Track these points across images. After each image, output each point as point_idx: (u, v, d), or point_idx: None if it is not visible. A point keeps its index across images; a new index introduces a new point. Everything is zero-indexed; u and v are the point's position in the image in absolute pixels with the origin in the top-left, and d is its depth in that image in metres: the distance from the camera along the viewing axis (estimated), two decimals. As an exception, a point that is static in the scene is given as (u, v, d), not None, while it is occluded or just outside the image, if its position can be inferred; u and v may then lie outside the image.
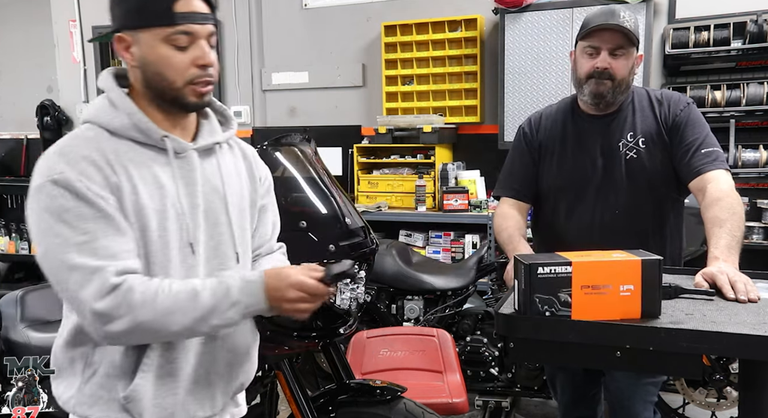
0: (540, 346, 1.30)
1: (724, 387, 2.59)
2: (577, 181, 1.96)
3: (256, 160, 1.44)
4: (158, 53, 1.19)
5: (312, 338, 1.72)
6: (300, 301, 1.19)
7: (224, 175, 1.32)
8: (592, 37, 1.84)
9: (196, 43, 1.20)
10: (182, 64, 1.19)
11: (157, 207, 1.20)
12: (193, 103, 1.24)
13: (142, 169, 1.20)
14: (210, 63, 1.22)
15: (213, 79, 1.24)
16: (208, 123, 1.34)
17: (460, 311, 2.99)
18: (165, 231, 1.20)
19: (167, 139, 1.23)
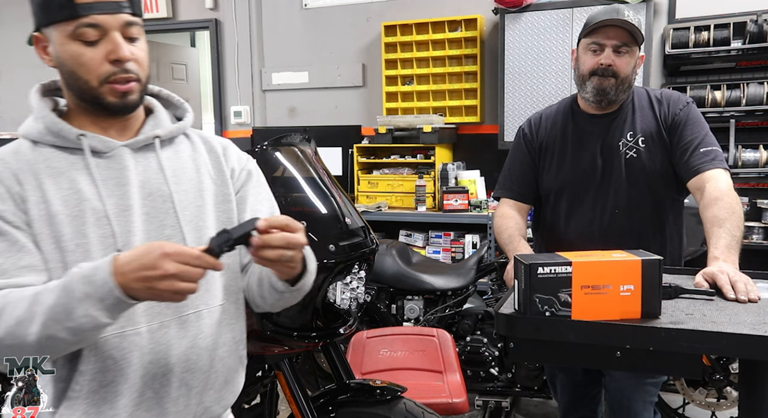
0: (540, 346, 1.30)
1: (724, 387, 2.59)
2: (577, 181, 1.96)
3: (227, 151, 1.30)
4: (68, 51, 1.09)
5: (312, 338, 1.72)
6: (177, 277, 0.95)
7: (174, 171, 1.20)
8: (597, 33, 1.84)
9: (108, 36, 1.08)
10: (94, 61, 1.08)
11: (72, 213, 1.09)
12: (114, 104, 1.12)
13: (57, 176, 1.11)
14: (124, 57, 1.09)
15: (134, 75, 1.11)
16: (153, 118, 1.22)
17: (460, 311, 2.98)
18: (84, 238, 1.09)
19: (84, 138, 1.12)
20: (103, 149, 1.14)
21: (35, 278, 1.05)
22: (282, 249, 1.01)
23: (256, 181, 1.32)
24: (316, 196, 1.77)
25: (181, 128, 1.25)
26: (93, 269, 0.98)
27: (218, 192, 1.24)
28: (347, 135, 4.47)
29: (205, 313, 1.19)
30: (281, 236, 1.00)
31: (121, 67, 1.09)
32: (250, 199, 1.29)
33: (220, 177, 1.25)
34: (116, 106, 1.12)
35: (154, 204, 1.15)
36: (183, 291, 0.96)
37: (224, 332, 1.23)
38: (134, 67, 1.11)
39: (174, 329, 1.15)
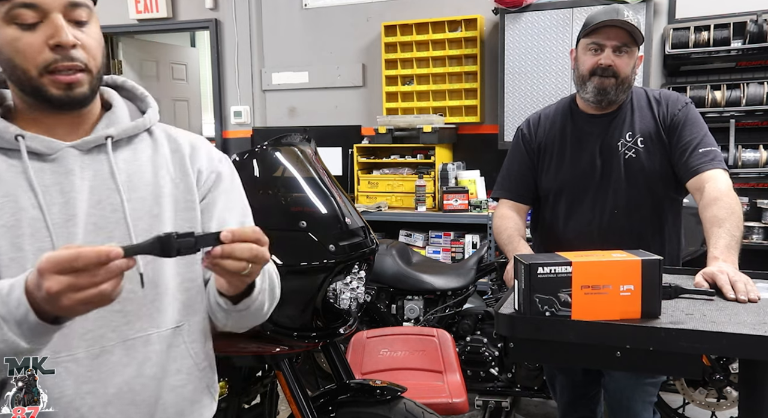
0: (540, 346, 1.30)
1: (724, 387, 2.59)
2: (576, 182, 1.96)
3: (195, 151, 1.15)
4: (3, 36, 0.95)
5: (312, 338, 1.72)
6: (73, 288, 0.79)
7: (129, 175, 1.06)
8: (597, 34, 1.84)
9: (48, 18, 0.94)
10: (32, 47, 0.94)
11: (7, 223, 0.96)
12: (57, 97, 0.97)
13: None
14: (65, 42, 0.94)
15: (80, 64, 0.97)
16: (110, 115, 1.08)
17: (460, 311, 2.98)
18: (19, 251, 0.96)
19: (21, 139, 0.99)
20: (45, 151, 1.00)
21: None
22: (245, 261, 0.90)
23: (227, 184, 1.17)
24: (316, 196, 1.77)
25: (139, 127, 1.10)
26: (9, 288, 0.85)
27: (180, 198, 1.10)
28: (347, 135, 4.47)
29: (155, 337, 1.05)
30: (248, 247, 0.89)
31: (63, 54, 0.95)
32: (219, 206, 1.14)
33: (183, 181, 1.11)
34: (60, 99, 0.98)
35: (102, 214, 1.02)
36: (90, 301, 0.81)
37: (180, 358, 1.08)
38: (80, 55, 0.97)
39: (117, 355, 1.01)
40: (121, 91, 1.15)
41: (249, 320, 1.11)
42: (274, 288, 1.14)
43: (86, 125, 1.06)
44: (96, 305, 0.82)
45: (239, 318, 1.09)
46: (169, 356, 1.07)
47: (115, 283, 0.81)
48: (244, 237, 0.89)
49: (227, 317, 1.09)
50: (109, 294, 0.81)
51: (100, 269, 0.79)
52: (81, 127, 1.05)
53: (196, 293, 1.11)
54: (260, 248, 0.91)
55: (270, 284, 1.12)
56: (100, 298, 0.81)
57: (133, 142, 1.09)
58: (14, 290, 0.84)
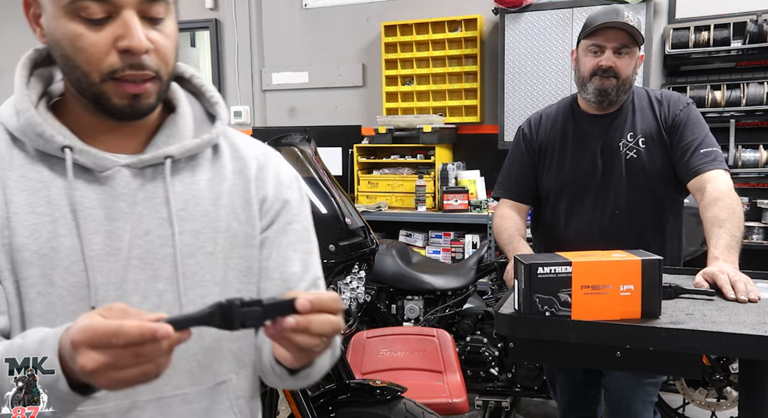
0: (540, 346, 1.30)
1: (724, 387, 2.59)
2: (577, 182, 1.96)
3: (263, 173, 0.96)
4: (63, 29, 0.79)
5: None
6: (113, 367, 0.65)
7: (185, 201, 0.89)
8: (597, 35, 1.84)
9: (119, 15, 0.78)
10: (96, 48, 0.78)
11: (41, 250, 0.82)
12: (119, 108, 0.82)
13: (32, 194, 0.83)
14: (138, 47, 0.78)
15: (152, 72, 0.81)
16: (171, 124, 0.91)
17: (460, 311, 2.98)
18: (50, 286, 0.82)
19: (70, 151, 0.83)
20: (95, 168, 0.85)
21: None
22: (321, 337, 0.73)
23: (294, 215, 0.97)
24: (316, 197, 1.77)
25: (204, 145, 0.92)
26: (38, 345, 0.71)
27: (239, 233, 0.92)
28: (347, 135, 4.47)
29: (194, 394, 0.90)
30: (327, 320, 0.72)
31: (133, 60, 0.79)
32: (281, 242, 0.95)
33: (245, 212, 0.93)
34: (122, 111, 0.83)
35: (149, 247, 0.86)
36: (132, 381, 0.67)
37: (223, 416, 0.93)
38: (153, 61, 0.81)
39: (149, 412, 0.87)
40: (186, 84, 0.97)
41: (305, 384, 0.94)
42: (336, 348, 0.94)
43: (144, 133, 0.90)
44: (140, 384, 0.68)
45: (294, 385, 0.94)
46: (209, 414, 0.92)
47: (163, 361, 0.67)
48: (322, 307, 0.71)
49: (280, 383, 0.94)
50: (155, 374, 0.67)
51: (144, 348, 0.65)
52: (138, 135, 0.89)
53: (246, 344, 0.95)
54: (338, 320, 0.73)
55: (333, 345, 0.91)
56: (143, 378, 0.67)
57: (195, 159, 0.92)
58: (44, 348, 0.70)
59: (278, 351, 0.80)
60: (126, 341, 0.64)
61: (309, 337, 0.72)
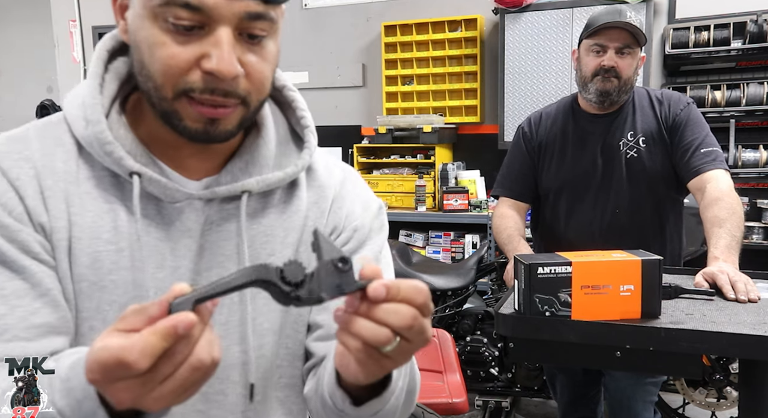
0: (540, 346, 1.30)
1: (724, 387, 2.59)
2: (577, 181, 1.96)
3: (339, 202, 0.85)
4: (146, 32, 0.68)
5: (312, 338, 1.72)
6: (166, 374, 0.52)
7: (253, 238, 0.79)
8: (599, 35, 1.84)
9: (213, 30, 0.66)
10: (175, 61, 0.67)
11: (99, 282, 0.73)
12: (191, 130, 0.71)
13: (97, 216, 0.74)
14: (227, 72, 0.66)
15: (237, 98, 0.70)
16: (253, 150, 0.80)
17: (460, 311, 2.98)
18: (103, 322, 0.73)
19: (138, 178, 0.73)
20: (165, 199, 0.75)
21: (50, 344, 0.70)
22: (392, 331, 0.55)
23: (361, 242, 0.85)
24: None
25: (286, 179, 0.81)
26: (69, 369, 0.61)
27: None
28: (347, 135, 4.47)
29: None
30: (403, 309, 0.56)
31: (216, 85, 0.68)
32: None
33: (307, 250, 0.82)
34: (194, 135, 0.71)
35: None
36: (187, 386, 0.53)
37: None
38: (242, 87, 0.69)
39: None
40: (276, 94, 0.86)
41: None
42: (413, 390, 0.79)
43: (222, 154, 0.79)
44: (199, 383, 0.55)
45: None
46: None
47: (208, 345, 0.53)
48: (401, 296, 0.56)
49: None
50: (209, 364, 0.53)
51: (175, 350, 0.52)
52: (216, 155, 0.79)
53: (296, 393, 0.85)
54: (421, 317, 0.57)
55: (410, 385, 0.76)
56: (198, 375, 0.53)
57: (270, 191, 0.81)
58: (77, 373, 0.58)
59: (340, 360, 0.61)
60: (146, 364, 0.50)
61: (375, 326, 0.55)
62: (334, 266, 0.55)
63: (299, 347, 0.84)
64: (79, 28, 5.19)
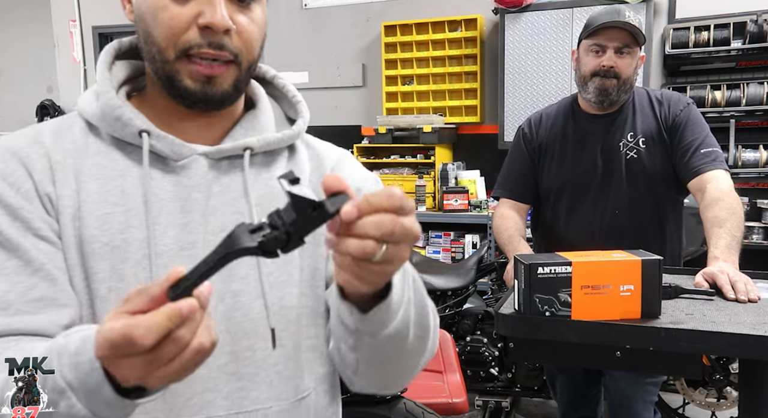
0: (540, 346, 1.30)
1: (724, 387, 2.59)
2: (577, 181, 1.96)
3: (339, 166, 0.92)
4: (150, 2, 0.76)
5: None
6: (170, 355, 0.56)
7: (260, 197, 0.83)
8: (598, 35, 1.84)
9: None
10: (176, 21, 0.75)
11: (113, 242, 0.76)
12: (191, 90, 0.77)
13: (106, 182, 0.78)
14: (218, 24, 0.74)
15: (230, 54, 0.77)
16: (251, 118, 0.87)
17: (460, 311, 2.98)
18: (121, 281, 0.76)
19: (147, 135, 0.79)
20: (172, 156, 0.80)
21: (53, 316, 0.73)
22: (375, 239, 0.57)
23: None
24: (316, 196, 1.77)
25: (284, 140, 0.87)
26: (80, 343, 0.62)
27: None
28: (347, 135, 4.47)
29: (274, 411, 0.81)
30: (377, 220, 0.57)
31: (211, 38, 0.75)
32: None
33: None
34: (194, 94, 0.78)
35: None
36: (189, 366, 0.58)
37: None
38: (233, 44, 0.77)
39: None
40: (268, 86, 0.94)
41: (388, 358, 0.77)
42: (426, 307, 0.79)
43: (223, 126, 0.85)
44: (199, 363, 0.59)
45: (375, 351, 0.74)
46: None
47: (207, 333, 0.57)
48: (374, 208, 0.57)
49: (356, 348, 0.75)
50: (209, 344, 0.57)
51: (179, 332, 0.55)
52: (216, 128, 0.85)
53: (322, 353, 0.86)
54: (399, 220, 0.58)
55: (418, 298, 0.77)
56: (200, 356, 0.57)
57: (270, 155, 0.87)
58: (86, 350, 0.61)
59: (339, 277, 0.64)
60: (152, 341, 0.54)
61: (359, 241, 0.57)
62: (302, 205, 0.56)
63: (320, 304, 0.86)
64: (79, 28, 5.19)
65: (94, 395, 0.61)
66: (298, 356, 0.83)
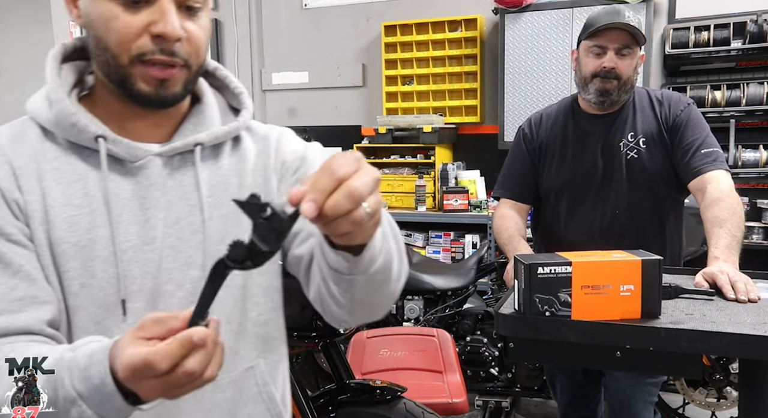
0: (540, 346, 1.30)
1: (724, 387, 2.59)
2: (577, 182, 1.96)
3: (280, 144, 0.97)
4: (99, 9, 0.80)
5: (312, 338, 1.72)
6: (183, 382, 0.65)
7: (212, 188, 0.90)
8: (599, 36, 1.84)
9: (157, 1, 0.80)
10: (128, 29, 0.79)
11: (80, 242, 0.82)
12: (144, 93, 0.82)
13: (68, 186, 0.84)
14: (170, 34, 0.79)
15: (181, 60, 0.82)
16: (198, 113, 0.92)
17: (460, 311, 2.98)
18: (91, 277, 0.83)
19: (103, 140, 0.84)
20: (128, 158, 0.86)
21: (35, 314, 0.79)
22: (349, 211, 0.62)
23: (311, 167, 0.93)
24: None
25: (231, 132, 0.93)
26: (87, 360, 0.70)
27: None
28: (347, 135, 4.47)
29: (226, 382, 0.90)
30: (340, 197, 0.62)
31: (164, 46, 0.80)
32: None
33: (266, 186, 0.94)
34: (148, 96, 0.83)
35: (180, 235, 0.87)
36: (200, 385, 0.67)
37: (252, 403, 0.94)
38: (184, 50, 0.82)
39: (187, 401, 0.86)
40: (211, 78, 0.98)
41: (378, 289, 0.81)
42: (398, 236, 0.85)
43: (172, 122, 0.91)
44: (209, 381, 0.68)
45: (366, 287, 0.79)
46: (238, 401, 0.92)
47: (217, 355, 0.66)
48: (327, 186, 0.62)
49: (351, 289, 0.79)
50: (215, 370, 0.67)
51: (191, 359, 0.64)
52: (166, 125, 0.90)
53: (275, 327, 0.96)
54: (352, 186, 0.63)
55: (392, 227, 0.84)
56: (209, 378, 0.66)
57: (218, 147, 0.93)
58: (95, 364, 0.69)
59: (341, 239, 0.70)
60: (167, 366, 0.63)
61: (344, 218, 0.62)
62: (263, 219, 0.61)
63: (273, 279, 0.95)
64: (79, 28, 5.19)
65: (105, 404, 0.69)
66: (246, 331, 0.92)
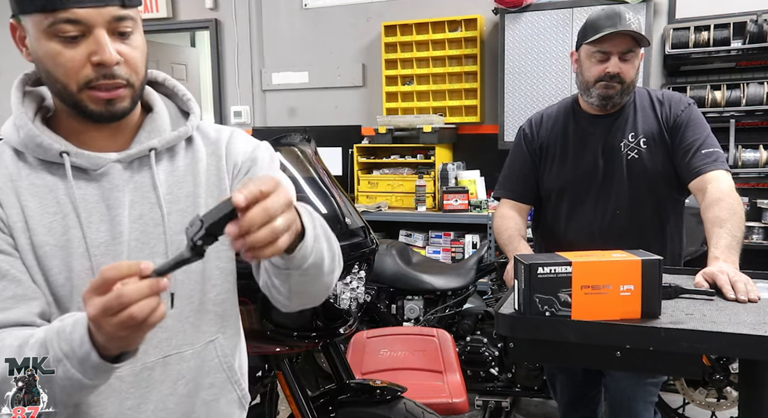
0: (540, 346, 1.30)
1: (724, 387, 2.59)
2: (578, 182, 1.96)
3: (230, 146, 1.09)
4: (44, 48, 0.92)
5: (312, 338, 1.72)
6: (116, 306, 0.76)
7: (169, 186, 1.03)
8: (602, 42, 1.83)
9: (92, 33, 0.90)
10: (73, 63, 0.91)
11: (59, 243, 0.97)
12: (97, 112, 0.95)
13: (42, 197, 0.98)
14: (108, 61, 0.91)
15: (123, 81, 0.94)
16: (151, 122, 1.04)
17: (460, 311, 2.98)
18: (70, 271, 0.96)
19: (67, 155, 0.97)
20: (91, 167, 0.99)
21: (25, 308, 0.93)
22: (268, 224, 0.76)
23: (261, 169, 1.09)
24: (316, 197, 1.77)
25: (181, 136, 1.06)
26: (72, 325, 0.84)
27: None
28: (347, 135, 4.47)
29: (189, 354, 1.05)
30: (260, 208, 0.75)
31: (105, 71, 0.92)
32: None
33: (218, 186, 1.07)
34: (100, 115, 0.96)
35: (144, 229, 1.00)
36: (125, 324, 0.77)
37: (213, 373, 1.08)
38: (123, 71, 0.94)
39: (157, 372, 1.02)
40: (160, 87, 1.11)
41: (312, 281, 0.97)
42: (330, 238, 1.00)
43: (127, 132, 1.03)
44: (135, 330, 0.78)
45: (301, 280, 0.95)
46: (201, 371, 1.07)
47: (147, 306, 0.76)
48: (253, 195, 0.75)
49: (287, 281, 0.95)
50: (142, 318, 0.76)
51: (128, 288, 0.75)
52: (122, 134, 1.02)
53: (231, 305, 1.11)
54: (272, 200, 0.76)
55: (324, 230, 0.97)
56: (132, 321, 0.76)
57: (173, 150, 1.06)
58: (77, 329, 0.83)
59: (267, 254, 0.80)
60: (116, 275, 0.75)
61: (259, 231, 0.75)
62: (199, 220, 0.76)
63: (230, 263, 1.09)
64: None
65: (84, 361, 0.82)
66: (206, 309, 1.06)
